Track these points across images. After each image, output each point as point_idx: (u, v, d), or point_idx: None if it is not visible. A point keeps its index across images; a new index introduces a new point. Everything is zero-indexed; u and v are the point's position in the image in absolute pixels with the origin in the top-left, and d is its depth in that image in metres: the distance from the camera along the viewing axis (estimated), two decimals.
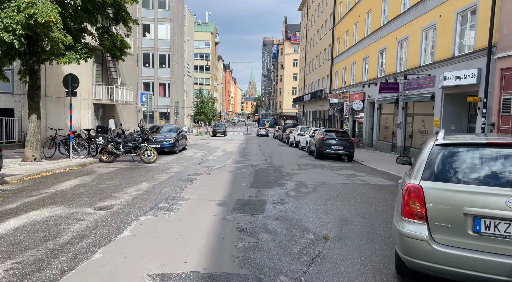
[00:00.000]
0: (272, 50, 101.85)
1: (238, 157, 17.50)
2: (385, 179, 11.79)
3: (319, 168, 14.18)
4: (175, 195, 7.91)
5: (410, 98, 18.87)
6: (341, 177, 11.82)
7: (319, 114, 44.12)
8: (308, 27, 55.65)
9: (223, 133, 48.72)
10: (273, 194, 8.49)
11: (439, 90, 16.12)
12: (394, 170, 13.91)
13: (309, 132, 23.04)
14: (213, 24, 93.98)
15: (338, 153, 17.63)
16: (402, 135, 20.24)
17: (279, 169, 13.36)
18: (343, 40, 33.79)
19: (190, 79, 60.60)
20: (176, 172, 11.61)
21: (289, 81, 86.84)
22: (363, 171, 13.76)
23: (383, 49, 23.40)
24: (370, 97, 25.33)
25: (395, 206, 4.19)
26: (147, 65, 46.80)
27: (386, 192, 9.24)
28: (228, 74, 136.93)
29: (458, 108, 15.89)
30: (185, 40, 55.66)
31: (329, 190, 9.26)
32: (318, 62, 46.18)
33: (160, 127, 20.22)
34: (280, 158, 18.03)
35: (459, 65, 14.48)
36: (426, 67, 17.38)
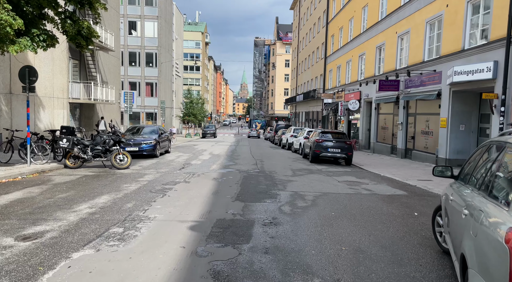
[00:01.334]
0: (263, 50, 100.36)
1: (226, 161, 15.81)
2: (393, 187, 10.22)
3: (315, 174, 12.57)
4: (138, 214, 6.19)
5: (412, 96, 17.39)
6: (342, 185, 10.22)
7: (312, 115, 42.65)
8: (300, 26, 54.24)
9: (213, 135, 46.96)
10: (263, 209, 6.83)
11: (446, 87, 14.65)
12: (399, 176, 12.37)
13: (303, 133, 21.47)
14: (203, 23, 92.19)
15: (335, 156, 16.06)
16: (404, 137, 18.76)
17: (271, 176, 11.72)
18: (337, 38, 32.34)
19: (179, 79, 58.73)
20: (150, 180, 9.87)
21: (281, 82, 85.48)
22: (365, 177, 12.19)
23: (381, 45, 21.94)
24: (367, 96, 23.86)
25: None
26: (133, 64, 44.86)
27: (399, 206, 7.64)
28: (219, 75, 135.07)
29: (467, 107, 14.43)
30: (174, 38, 53.81)
31: (331, 203, 7.63)
32: (311, 62, 44.74)
33: (141, 128, 18.43)
34: (271, 161, 16.39)
35: (470, 59, 13.02)
36: (430, 62, 15.92)
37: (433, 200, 8.38)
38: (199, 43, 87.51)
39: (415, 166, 15.44)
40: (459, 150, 14.55)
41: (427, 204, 7.88)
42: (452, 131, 14.50)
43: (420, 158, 16.90)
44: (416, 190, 9.75)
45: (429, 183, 10.89)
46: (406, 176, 12.40)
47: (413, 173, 13.17)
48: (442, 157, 14.90)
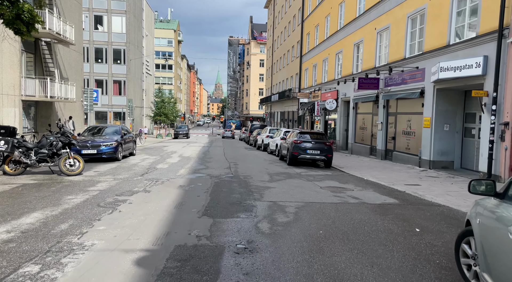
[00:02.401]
0: (238, 50, 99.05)
1: (196, 165, 14.38)
2: (381, 193, 9.18)
3: (295, 178, 11.39)
4: (70, 241, 4.73)
5: (393, 95, 16.61)
6: (326, 192, 9.08)
7: (288, 115, 41.73)
8: (275, 25, 53.32)
9: (185, 136, 45.19)
10: (237, 228, 5.53)
11: (430, 85, 13.88)
12: (384, 180, 11.40)
13: (280, 134, 20.32)
14: (176, 21, 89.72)
15: (314, 158, 14.98)
16: (384, 138, 17.97)
17: (246, 181, 10.43)
18: (313, 36, 31.51)
19: (150, 78, 56.40)
20: (102, 190, 8.34)
21: (255, 82, 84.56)
22: (348, 182, 11.13)
23: (359, 42, 21.15)
24: (344, 95, 23.04)
25: None
26: (99, 61, 42.39)
27: (395, 219, 6.54)
28: (192, 74, 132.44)
29: (452, 106, 13.72)
30: (144, 35, 51.51)
31: (317, 217, 6.44)
32: (286, 61, 43.85)
33: (102, 128, 16.68)
34: (247, 164, 15.11)
35: (456, 54, 12.25)
36: (412, 59, 15.15)
37: (429, 210, 7.37)
38: (171, 41, 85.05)
39: (398, 168, 14.61)
40: (444, 151, 13.82)
41: (425, 216, 6.83)
42: (436, 132, 13.75)
43: (401, 159, 16.12)
44: (407, 197, 8.75)
45: (418, 188, 9.95)
46: (391, 180, 11.46)
47: (398, 176, 12.26)
48: (425, 158, 14.12)
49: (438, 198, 8.53)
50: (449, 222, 6.38)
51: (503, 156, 10.10)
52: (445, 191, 9.48)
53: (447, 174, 12.67)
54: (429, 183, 10.80)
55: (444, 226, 6.11)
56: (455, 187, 9.99)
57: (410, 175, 12.59)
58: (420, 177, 12.21)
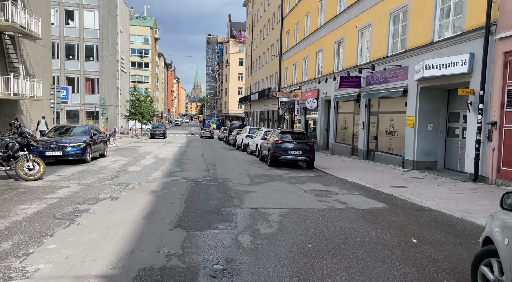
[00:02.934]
0: (216, 48, 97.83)
1: (172, 167, 13.53)
2: (368, 197, 8.67)
3: (277, 181, 10.76)
4: (10, 264, 3.90)
5: (375, 94, 16.27)
6: (310, 196, 8.48)
7: (267, 115, 41.19)
8: (254, 23, 52.69)
9: (162, 136, 43.93)
10: (214, 243, 4.82)
11: (413, 84, 13.57)
12: (369, 182, 10.95)
13: (260, 134, 19.69)
14: (152, 18, 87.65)
15: (296, 159, 14.42)
16: (365, 137, 17.64)
17: (225, 185, 9.71)
18: (292, 34, 31.06)
19: (125, 76, 54.63)
20: (62, 198, 7.43)
21: (234, 81, 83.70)
22: (332, 184, 10.60)
23: (340, 40, 20.78)
24: (325, 94, 22.65)
25: None
26: (71, 58, 40.52)
27: (387, 227, 6.00)
28: (170, 73, 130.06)
29: (435, 105, 13.45)
30: (118, 31, 49.76)
31: (303, 226, 5.81)
32: (266, 59, 43.29)
33: (70, 128, 15.53)
34: (226, 166, 14.38)
35: (441, 52, 11.95)
36: (395, 57, 14.83)
37: (421, 215, 6.89)
38: (148, 38, 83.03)
39: (381, 169, 14.24)
40: (427, 151, 13.53)
41: (419, 223, 6.33)
42: (420, 131, 13.45)
43: (384, 159, 15.80)
44: (396, 201, 8.27)
45: (405, 190, 9.51)
46: (376, 182, 11.01)
47: (382, 178, 11.85)
48: (409, 158, 13.81)
49: (428, 201, 8.09)
50: (445, 230, 5.88)
51: (490, 157, 9.81)
52: (433, 193, 9.08)
53: (431, 175, 12.36)
54: (415, 185, 10.41)
55: (441, 235, 5.61)
56: (442, 189, 9.61)
57: (394, 176, 12.20)
58: (404, 178, 11.84)
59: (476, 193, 8.95)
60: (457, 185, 10.25)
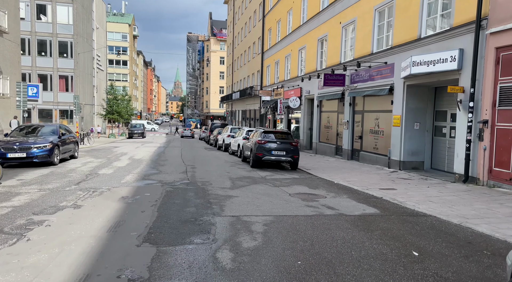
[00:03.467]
0: (197, 47, 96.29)
1: (148, 169, 12.67)
2: (357, 201, 8.12)
3: (260, 184, 10.09)
4: None
5: (360, 92, 15.83)
6: (296, 201, 7.85)
7: (249, 114, 40.51)
8: (235, 21, 51.88)
9: (141, 135, 42.54)
10: (188, 263, 4.10)
11: (399, 81, 13.17)
12: (356, 183, 10.43)
13: (242, 133, 18.99)
14: (130, 15, 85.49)
15: (280, 159, 13.79)
16: (350, 137, 17.20)
17: (204, 189, 8.97)
18: (274, 31, 30.48)
19: (102, 74, 52.81)
20: (17, 207, 6.52)
21: (216, 80, 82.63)
22: (318, 186, 10.02)
23: (323, 37, 20.30)
24: (308, 93, 22.16)
25: None
26: (43, 54, 38.67)
27: (383, 236, 5.42)
28: (150, 71, 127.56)
29: (422, 103, 13.08)
30: (94, 27, 47.98)
31: (291, 238, 5.16)
32: (247, 58, 42.59)
33: (36, 128, 14.40)
34: (206, 167, 13.61)
35: (429, 48, 11.55)
36: (381, 54, 14.41)
37: (417, 222, 6.36)
38: (126, 35, 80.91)
39: (367, 169, 13.79)
40: (414, 151, 13.16)
41: (416, 231, 5.78)
42: (407, 131, 13.06)
43: (369, 159, 15.38)
44: (387, 205, 7.74)
45: (395, 193, 9.02)
46: (363, 183, 10.50)
47: (369, 179, 11.36)
48: (395, 159, 13.41)
49: (421, 205, 7.59)
50: (446, 240, 5.35)
51: (481, 157, 9.44)
52: (425, 196, 8.61)
53: (419, 176, 11.97)
54: (404, 187, 9.95)
55: (443, 246, 5.06)
56: (433, 191, 9.17)
57: (381, 177, 11.74)
58: (392, 179, 11.39)
59: (468, 195, 8.53)
60: (447, 186, 9.84)
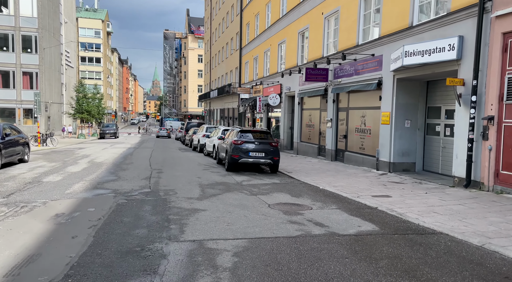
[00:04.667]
0: (174, 44, 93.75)
1: (105, 174, 10.97)
2: (349, 213, 6.77)
3: (234, 192, 8.62)
4: None
5: (344, 87, 14.59)
6: (277, 215, 6.43)
7: (228, 113, 38.93)
8: (212, 16, 50.13)
9: (113, 136, 40.25)
10: None
11: (389, 75, 11.97)
12: (344, 189, 9.12)
13: (218, 133, 17.45)
14: (104, 11, 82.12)
15: (258, 161, 12.34)
16: (334, 136, 15.96)
17: (166, 200, 7.42)
18: (253, 26, 29.04)
19: (72, 70, 49.96)
20: None
21: (194, 78, 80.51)
22: (302, 194, 8.64)
23: (304, 30, 19.01)
24: (288, 89, 20.84)
25: None
26: (4, 49, 35.83)
27: (392, 269, 4.07)
28: (125, 69, 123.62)
29: (413, 99, 11.93)
30: (62, 21, 45.20)
31: (270, 278, 3.71)
32: (225, 54, 40.98)
33: None
34: (174, 172, 12.02)
35: (422, 37, 10.38)
36: (367, 45, 13.19)
37: (428, 244, 5.04)
38: (99, 32, 77.57)
39: (353, 172, 12.55)
40: (405, 151, 12.00)
41: (431, 259, 4.45)
42: (397, 129, 11.87)
43: (355, 160, 14.16)
44: (386, 219, 6.42)
45: (392, 202, 7.74)
46: (352, 189, 9.21)
47: (358, 183, 10.09)
48: (384, 160, 12.21)
49: (425, 218, 6.31)
50: (476, 274, 4.02)
51: (486, 158, 8.29)
52: (426, 205, 7.36)
53: (412, 179, 10.79)
54: (399, 193, 8.70)
55: None
56: (434, 199, 7.94)
57: (371, 181, 10.49)
58: (383, 183, 10.15)
59: (477, 203, 7.33)
60: (447, 192, 8.65)
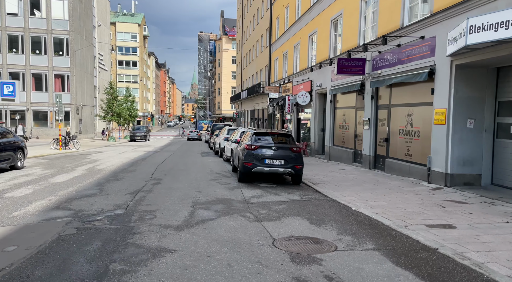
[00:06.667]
0: (208, 46, 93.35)
1: (89, 186, 9.19)
2: (395, 260, 4.37)
3: (234, 215, 6.42)
4: None
5: (385, 80, 11.95)
6: (280, 264, 4.16)
7: (258, 114, 36.86)
8: (244, 14, 48.44)
9: (144, 138, 39.49)
10: None
11: (444, 61, 9.26)
12: (385, 210, 6.65)
13: (236, 135, 15.39)
14: (141, 15, 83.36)
15: (276, 171, 10.05)
16: (372, 139, 13.32)
17: (131, 229, 5.40)
18: (283, 19, 26.79)
19: (105, 73, 50.25)
20: None
21: (227, 80, 79.41)
22: (326, 218, 6.29)
23: (338, 17, 16.48)
24: (319, 86, 18.36)
25: None
26: (37, 52, 36.15)
27: None
28: (163, 73, 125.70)
29: (478, 92, 9.13)
30: (95, 24, 45.45)
31: None
32: (256, 53, 39.01)
33: None
34: (175, 182, 10.04)
35: (494, 5, 7.64)
36: (415, 26, 10.52)
37: None
38: (135, 35, 78.67)
39: (396, 184, 9.94)
40: (467, 160, 9.21)
41: None
42: (456, 131, 9.14)
43: (399, 169, 11.48)
44: (455, 274, 3.94)
45: (459, 238, 5.20)
46: (397, 212, 6.71)
47: (405, 202, 7.54)
48: (438, 170, 9.48)
49: None
50: None
51: None
52: None
53: (478, 197, 8.05)
54: (467, 221, 6.10)
55: None
56: None
57: (422, 199, 7.89)
58: (440, 203, 7.53)
59: None
60: None
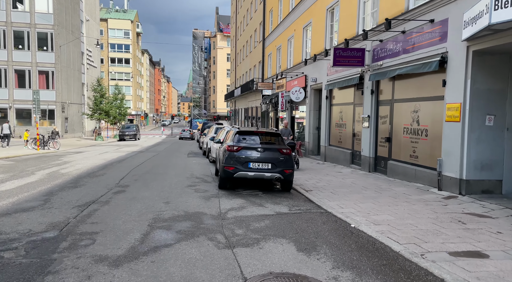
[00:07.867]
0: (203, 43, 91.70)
1: (34, 196, 7.73)
2: None
3: (199, 238, 4.97)
4: None
5: (387, 72, 10.52)
6: None
7: (251, 112, 35.41)
8: (237, 9, 46.92)
9: (133, 137, 37.98)
10: None
11: (459, 47, 7.85)
12: (392, 228, 5.24)
13: (222, 134, 13.93)
14: (133, 11, 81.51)
15: (262, 176, 8.59)
16: (372, 139, 11.90)
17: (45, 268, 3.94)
18: (276, 11, 25.35)
19: (94, 70, 48.52)
20: None
21: (222, 78, 77.89)
22: (318, 244, 4.85)
23: (334, 5, 15.05)
24: (314, 81, 16.94)
25: None
26: (20, 47, 34.51)
27: None
28: (157, 71, 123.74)
29: (499, 83, 7.73)
30: (83, 19, 43.72)
31: None
32: (249, 48, 37.54)
33: None
34: (142, 191, 8.56)
35: None
36: (423, 8, 9.10)
37: None
38: (128, 32, 76.90)
39: (401, 191, 8.54)
40: (486, 163, 7.80)
41: None
42: (473, 129, 7.73)
43: (403, 173, 10.07)
44: None
45: (497, 275, 3.78)
46: (407, 230, 5.29)
47: (414, 217, 6.12)
48: (451, 175, 8.07)
49: None
50: None
51: None
52: None
53: (502, 208, 6.64)
54: (500, 246, 4.70)
55: None
56: None
57: (435, 212, 6.48)
58: (458, 217, 6.12)
59: None
60: None
